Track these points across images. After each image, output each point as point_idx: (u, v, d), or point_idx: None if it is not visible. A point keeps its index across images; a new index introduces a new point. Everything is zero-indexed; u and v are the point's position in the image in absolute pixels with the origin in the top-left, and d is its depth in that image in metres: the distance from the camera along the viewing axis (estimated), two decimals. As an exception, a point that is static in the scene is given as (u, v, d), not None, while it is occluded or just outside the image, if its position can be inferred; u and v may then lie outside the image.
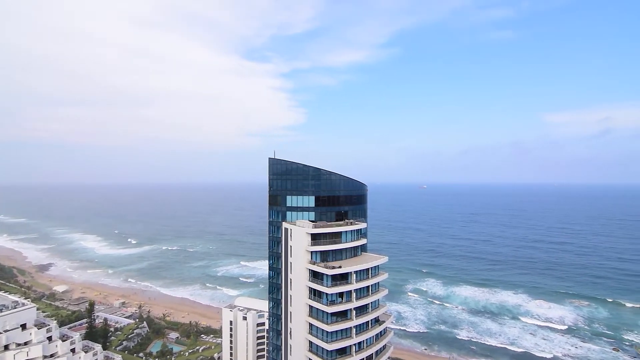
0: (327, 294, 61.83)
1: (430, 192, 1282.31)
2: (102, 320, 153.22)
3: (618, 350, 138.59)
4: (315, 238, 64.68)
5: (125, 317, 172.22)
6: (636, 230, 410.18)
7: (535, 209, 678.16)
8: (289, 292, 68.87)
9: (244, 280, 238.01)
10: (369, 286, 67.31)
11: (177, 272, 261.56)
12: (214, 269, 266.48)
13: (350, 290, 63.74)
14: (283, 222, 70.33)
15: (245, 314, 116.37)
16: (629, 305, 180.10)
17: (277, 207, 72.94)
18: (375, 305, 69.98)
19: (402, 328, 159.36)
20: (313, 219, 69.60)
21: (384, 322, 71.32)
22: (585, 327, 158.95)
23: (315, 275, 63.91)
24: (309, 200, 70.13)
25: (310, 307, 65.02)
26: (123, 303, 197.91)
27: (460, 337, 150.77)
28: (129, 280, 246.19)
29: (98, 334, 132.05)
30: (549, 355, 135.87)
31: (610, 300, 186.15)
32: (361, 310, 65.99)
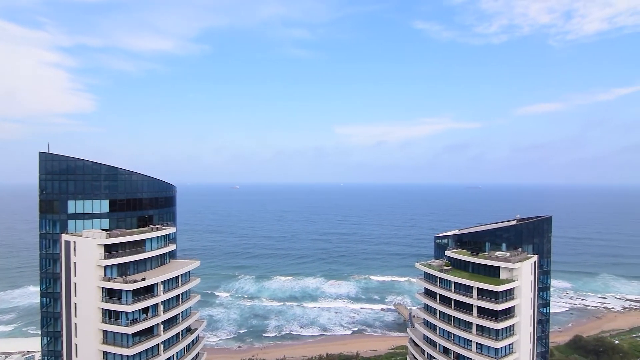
0: (127, 312, 53.61)
1: (243, 192, 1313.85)
2: None
3: (384, 310, 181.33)
4: (111, 249, 55.00)
5: None
6: (395, 219, 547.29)
7: (329, 205, 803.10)
8: (73, 320, 55.89)
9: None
10: (179, 295, 62.63)
11: None
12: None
13: (157, 303, 57.53)
14: (63, 234, 56.45)
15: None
16: (390, 277, 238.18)
17: (54, 215, 57.94)
18: (187, 314, 65.82)
19: (216, 331, 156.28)
20: (107, 227, 58.98)
21: (196, 329, 67.93)
22: (363, 297, 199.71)
23: (111, 294, 54.37)
24: (102, 205, 59.01)
25: (105, 332, 54.79)
26: None
27: (270, 327, 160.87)
28: None
29: None
30: (339, 329, 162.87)
31: (379, 274, 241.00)
32: (170, 322, 60.63)
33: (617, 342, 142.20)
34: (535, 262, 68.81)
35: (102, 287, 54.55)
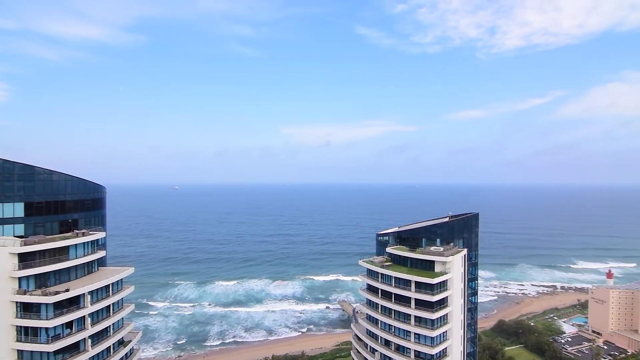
0: (47, 328, 48.17)
1: (183, 193, 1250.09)
2: None
3: (329, 308, 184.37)
4: (27, 258, 49.01)
5: None
6: (340, 219, 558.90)
7: (275, 206, 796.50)
8: (-22, 341, 48.80)
9: None
10: (109, 306, 57.77)
11: None
12: None
13: (84, 316, 52.47)
14: (-35, 243, 49.03)
15: None
16: (335, 276, 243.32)
17: (-47, 222, 50.25)
18: (119, 325, 60.95)
19: (153, 342, 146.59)
20: (22, 234, 52.49)
21: (129, 341, 63.15)
22: (309, 296, 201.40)
23: (28, 308, 48.52)
24: (15, 209, 52.32)
25: (20, 352, 48.71)
26: None
27: (212, 334, 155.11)
28: None
29: None
30: (285, 330, 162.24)
31: (324, 274, 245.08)
32: (100, 336, 55.68)
33: (532, 323, 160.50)
34: (465, 255, 74.83)
35: (16, 302, 48.30)
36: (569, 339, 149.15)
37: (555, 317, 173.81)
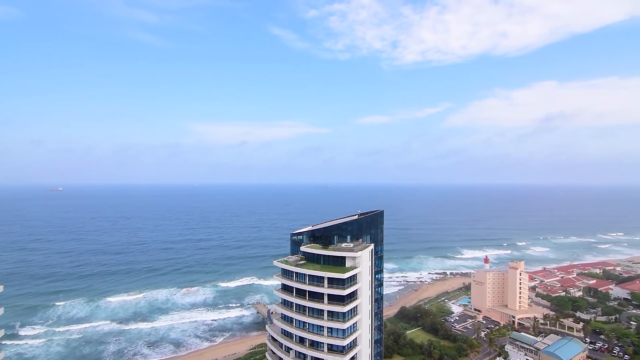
0: None
1: (69, 196, 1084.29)
2: None
3: (244, 313, 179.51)
4: None
5: None
6: (254, 221, 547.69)
7: (183, 208, 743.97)
8: None
9: None
10: (-33, 335, 47.17)
11: None
12: None
13: None
14: None
15: None
16: (250, 280, 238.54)
17: None
18: (-19, 357, 50.26)
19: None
20: None
21: (-3, 376, 52.55)
22: (221, 302, 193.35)
23: None
24: None
25: None
26: None
27: (107, 354, 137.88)
28: None
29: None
30: (195, 340, 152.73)
31: (238, 278, 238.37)
32: (-48, 374, 45.13)
33: (428, 307, 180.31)
34: (372, 249, 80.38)
35: None
36: (457, 318, 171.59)
37: (446, 300, 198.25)
